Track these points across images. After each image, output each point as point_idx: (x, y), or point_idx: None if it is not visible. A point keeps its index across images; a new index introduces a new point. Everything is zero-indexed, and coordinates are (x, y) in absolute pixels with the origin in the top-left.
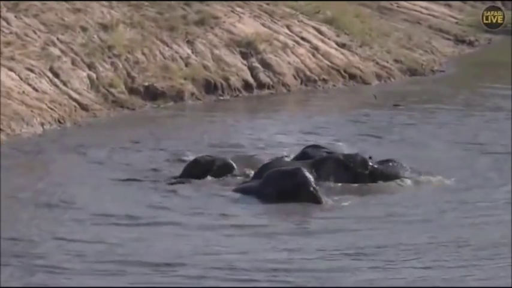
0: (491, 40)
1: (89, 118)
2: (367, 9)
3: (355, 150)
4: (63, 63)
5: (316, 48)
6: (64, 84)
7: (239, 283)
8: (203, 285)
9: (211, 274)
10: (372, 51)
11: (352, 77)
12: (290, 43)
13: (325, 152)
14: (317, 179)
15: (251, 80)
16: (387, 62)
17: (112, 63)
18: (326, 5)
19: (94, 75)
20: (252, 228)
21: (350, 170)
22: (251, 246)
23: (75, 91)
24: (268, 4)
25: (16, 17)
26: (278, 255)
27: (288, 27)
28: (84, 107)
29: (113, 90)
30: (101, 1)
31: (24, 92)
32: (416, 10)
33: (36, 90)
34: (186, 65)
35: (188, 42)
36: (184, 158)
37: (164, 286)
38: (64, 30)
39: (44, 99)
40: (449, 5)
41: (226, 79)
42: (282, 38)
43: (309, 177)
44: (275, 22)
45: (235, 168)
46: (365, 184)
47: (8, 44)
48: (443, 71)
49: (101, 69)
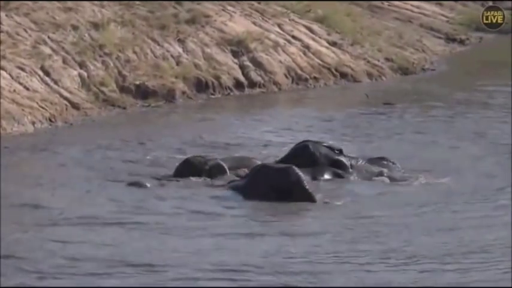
0: (482, 39)
1: (80, 117)
2: (358, 7)
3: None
4: (54, 62)
5: (307, 46)
6: (55, 83)
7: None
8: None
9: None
10: (363, 49)
11: (343, 76)
12: (281, 42)
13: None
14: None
15: (242, 79)
16: (378, 61)
17: (103, 62)
18: (317, 4)
19: (85, 74)
20: (233, 226)
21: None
22: (233, 246)
23: (66, 90)
24: (259, 3)
25: (7, 16)
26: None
27: (279, 26)
28: (75, 106)
29: (104, 89)
30: (92, 0)
31: (15, 91)
32: (407, 9)
33: (27, 89)
34: (177, 64)
35: (179, 41)
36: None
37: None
38: (55, 29)
39: (35, 98)
40: (440, 4)
41: (217, 78)
42: (273, 37)
43: (302, 175)
44: (266, 21)
45: (226, 169)
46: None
47: None
48: (433, 70)
49: (92, 68)
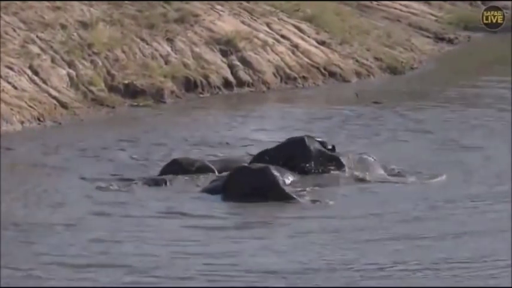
0: (470, 38)
1: (69, 116)
2: (347, 7)
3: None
4: (42, 61)
5: (296, 46)
6: (44, 82)
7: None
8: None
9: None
10: (352, 49)
11: (332, 75)
12: (270, 41)
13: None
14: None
15: (231, 78)
16: (367, 60)
17: (92, 61)
18: (306, 3)
19: (74, 73)
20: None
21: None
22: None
23: (54, 89)
24: (248, 2)
25: None
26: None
27: (268, 25)
28: (63, 105)
29: (93, 88)
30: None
31: (3, 90)
32: (395, 8)
33: (15, 88)
34: (166, 63)
35: (168, 40)
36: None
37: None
38: (44, 28)
39: (24, 97)
40: (428, 3)
41: (206, 77)
42: (262, 36)
43: (278, 175)
44: (255, 20)
45: (214, 169)
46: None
47: None
48: (417, 68)
49: (81, 67)
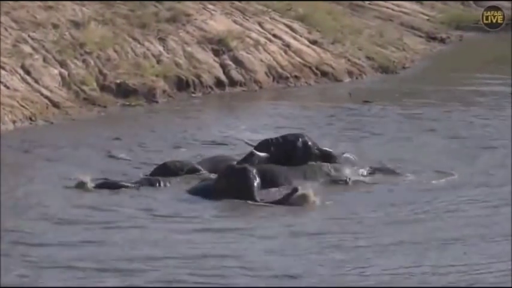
0: (462, 37)
1: (61, 116)
2: (339, 6)
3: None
4: (34, 60)
5: (288, 45)
6: (35, 81)
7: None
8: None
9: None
10: (344, 48)
11: (324, 74)
12: (262, 40)
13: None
14: None
15: (223, 78)
16: (359, 59)
17: (84, 60)
18: (298, 3)
19: (66, 72)
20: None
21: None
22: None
23: (46, 88)
24: (240, 1)
25: None
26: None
27: (260, 24)
28: (55, 105)
29: (85, 87)
30: None
31: None
32: (387, 7)
33: (7, 87)
34: (158, 62)
35: (160, 39)
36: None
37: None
38: (35, 27)
39: (16, 96)
40: (421, 3)
41: (198, 76)
42: (254, 35)
43: (253, 175)
44: (247, 19)
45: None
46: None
47: None
48: (409, 67)
49: (73, 66)
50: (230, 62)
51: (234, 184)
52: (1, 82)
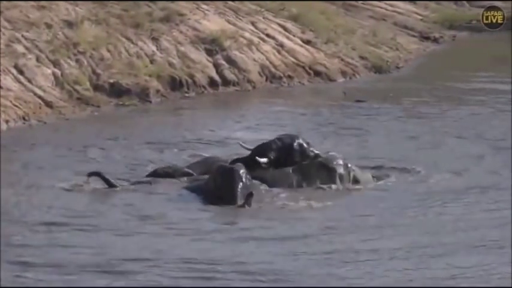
0: (455, 37)
1: (54, 115)
2: (332, 6)
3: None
4: (28, 60)
5: (281, 45)
6: (29, 81)
7: None
8: None
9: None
10: (337, 48)
11: (317, 74)
12: (255, 40)
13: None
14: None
15: (216, 77)
16: (352, 59)
17: (77, 60)
18: (291, 2)
19: (59, 72)
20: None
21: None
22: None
23: (40, 88)
24: (233, 1)
25: None
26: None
27: (253, 24)
28: (49, 104)
29: (78, 87)
30: None
31: None
32: (381, 7)
33: (0, 87)
34: (151, 62)
35: (153, 39)
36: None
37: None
38: (29, 27)
39: (9, 96)
40: (414, 2)
41: (191, 76)
42: (247, 35)
43: (240, 177)
44: (240, 19)
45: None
46: None
47: None
48: (402, 67)
49: (66, 66)
50: (223, 62)
51: (220, 184)
52: None
